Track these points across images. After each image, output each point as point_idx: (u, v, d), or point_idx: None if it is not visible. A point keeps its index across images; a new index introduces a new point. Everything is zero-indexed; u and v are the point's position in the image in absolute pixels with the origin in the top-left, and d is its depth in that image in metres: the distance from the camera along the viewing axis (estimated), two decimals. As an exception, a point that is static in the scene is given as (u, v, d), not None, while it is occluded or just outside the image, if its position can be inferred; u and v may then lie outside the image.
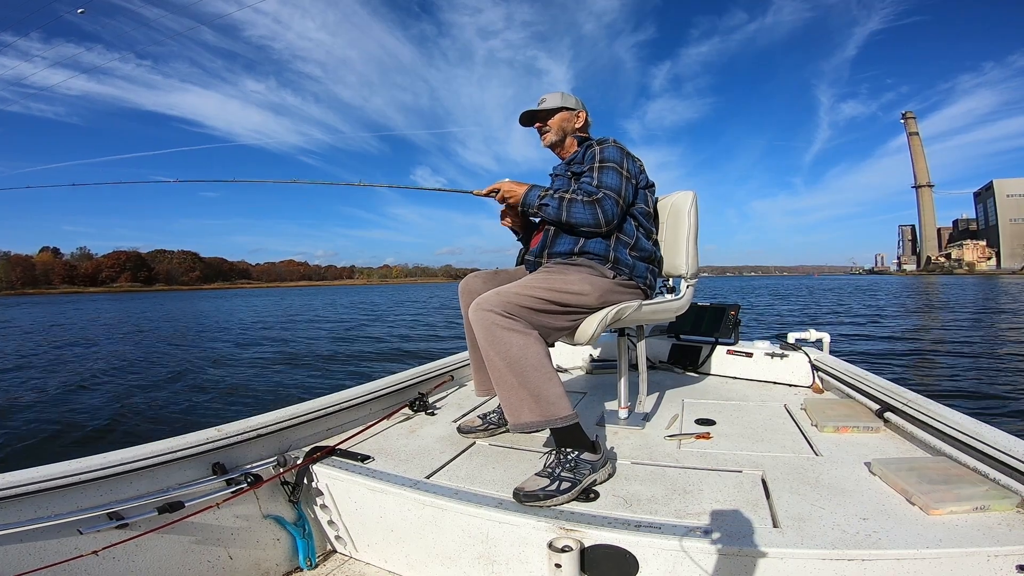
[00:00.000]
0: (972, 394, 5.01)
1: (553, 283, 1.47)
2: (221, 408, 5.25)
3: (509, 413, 1.36)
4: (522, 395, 1.33)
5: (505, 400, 1.37)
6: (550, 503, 1.18)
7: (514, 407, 1.35)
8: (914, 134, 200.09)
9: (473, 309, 1.38)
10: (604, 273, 1.60)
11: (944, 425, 1.37)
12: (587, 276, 1.55)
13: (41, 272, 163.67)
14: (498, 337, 1.33)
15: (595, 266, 1.61)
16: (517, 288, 1.43)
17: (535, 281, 1.48)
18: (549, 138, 1.83)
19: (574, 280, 1.51)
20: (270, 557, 1.41)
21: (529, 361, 1.33)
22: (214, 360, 8.68)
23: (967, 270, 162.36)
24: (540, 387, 1.33)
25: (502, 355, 1.33)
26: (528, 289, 1.43)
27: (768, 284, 66.47)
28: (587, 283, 1.52)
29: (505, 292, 1.40)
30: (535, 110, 1.82)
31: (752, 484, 1.27)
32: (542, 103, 1.81)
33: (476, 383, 1.82)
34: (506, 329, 1.34)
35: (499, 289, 1.42)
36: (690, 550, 1.00)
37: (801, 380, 2.28)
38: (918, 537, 0.98)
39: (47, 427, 4.59)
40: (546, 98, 1.81)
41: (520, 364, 1.32)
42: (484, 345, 1.36)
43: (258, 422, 1.49)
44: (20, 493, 1.04)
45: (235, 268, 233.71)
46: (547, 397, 1.33)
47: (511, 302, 1.37)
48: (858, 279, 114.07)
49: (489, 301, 1.36)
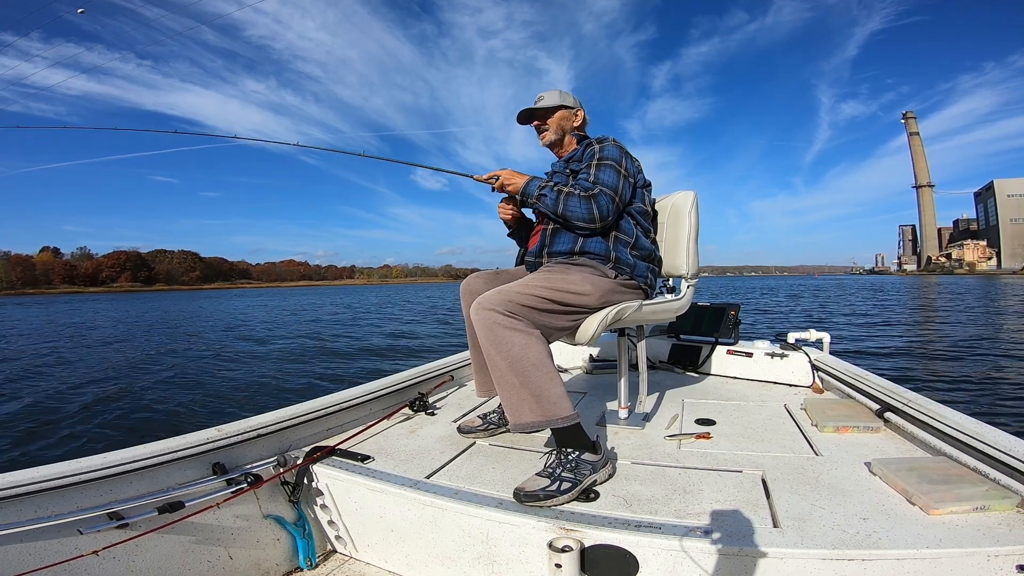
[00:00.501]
0: (972, 394, 5.01)
1: (555, 283, 1.47)
2: (221, 408, 5.25)
3: (510, 413, 1.36)
4: (523, 395, 1.33)
5: (506, 400, 1.36)
6: (550, 503, 1.18)
7: (515, 407, 1.34)
8: (914, 134, 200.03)
9: (475, 308, 1.37)
10: (606, 273, 1.59)
11: (944, 425, 1.37)
12: (588, 276, 1.54)
13: (41, 272, 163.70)
14: (500, 336, 1.33)
15: (596, 266, 1.60)
16: (519, 287, 1.42)
17: (537, 280, 1.48)
18: (548, 137, 1.82)
19: (576, 280, 1.50)
20: (270, 557, 1.41)
21: (531, 360, 1.32)
22: (214, 360, 8.69)
23: (968, 270, 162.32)
24: (542, 387, 1.32)
25: (504, 354, 1.32)
26: (530, 288, 1.42)
27: (768, 284, 66.44)
28: (588, 283, 1.51)
29: (507, 291, 1.39)
30: (533, 108, 1.81)
31: (752, 484, 1.27)
32: (539, 101, 1.80)
33: (477, 384, 1.82)
34: (508, 328, 1.33)
35: (500, 288, 1.42)
36: (690, 550, 1.00)
37: (801, 380, 2.28)
38: (918, 537, 0.98)
39: (45, 427, 4.59)
40: (544, 96, 1.80)
41: (522, 363, 1.32)
42: (485, 344, 1.35)
43: (258, 422, 1.49)
44: (20, 493, 1.04)
45: (235, 268, 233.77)
46: (548, 397, 1.32)
47: (513, 301, 1.36)
48: (858, 279, 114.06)
49: (491, 300, 1.36)
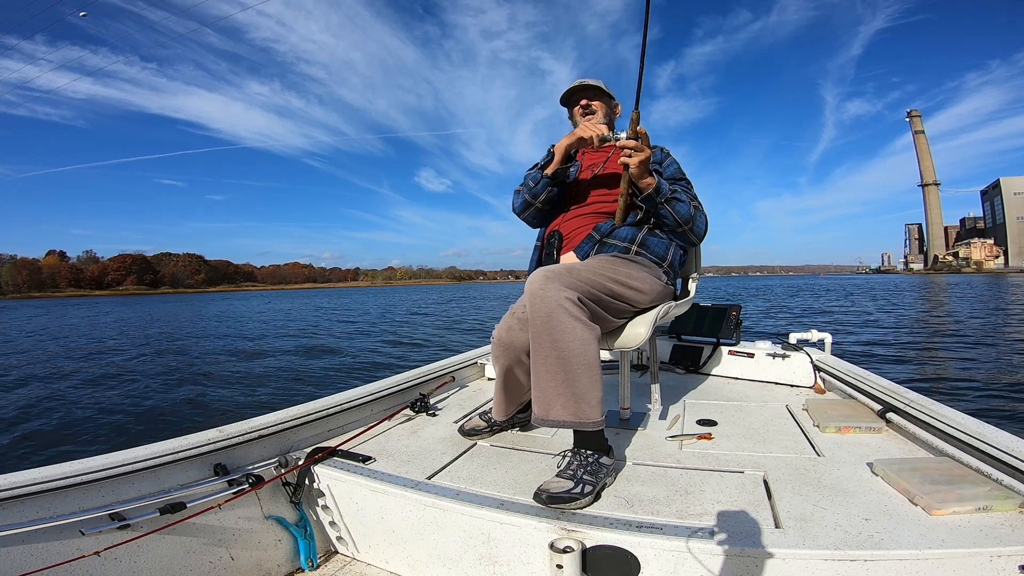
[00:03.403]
0: (975, 394, 4.97)
1: (619, 275, 1.37)
2: (223, 409, 5.28)
3: (539, 403, 1.27)
4: (563, 391, 1.24)
5: (540, 390, 1.27)
6: (573, 506, 1.14)
7: (548, 399, 1.26)
8: (920, 132, 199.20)
9: (541, 284, 1.23)
10: (659, 276, 1.54)
11: (947, 425, 1.36)
12: (648, 275, 1.46)
13: (47, 275, 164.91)
14: (562, 323, 1.21)
15: (653, 267, 1.54)
16: (588, 272, 1.30)
17: (603, 268, 1.36)
18: (595, 119, 1.71)
19: (638, 277, 1.42)
20: (271, 558, 1.41)
21: (586, 360, 1.23)
22: (214, 360, 8.72)
23: (975, 269, 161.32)
24: (586, 389, 1.23)
25: (558, 344, 1.21)
26: (598, 276, 1.31)
27: (773, 284, 66.17)
28: (647, 283, 1.44)
29: (578, 273, 1.28)
30: (588, 84, 1.72)
31: (754, 485, 1.27)
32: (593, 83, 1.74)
33: (497, 410, 1.65)
34: (573, 318, 1.21)
35: (568, 267, 1.31)
36: (692, 551, 0.99)
37: (803, 380, 2.27)
38: (920, 537, 0.97)
39: (48, 429, 4.62)
40: (590, 80, 1.74)
41: (576, 360, 1.22)
42: (540, 326, 1.23)
43: (260, 423, 1.50)
44: (22, 494, 1.04)
45: (240, 271, 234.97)
46: (588, 400, 1.24)
47: (584, 288, 1.25)
48: (866, 278, 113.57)
49: (562, 280, 1.24)
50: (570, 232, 1.65)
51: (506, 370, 1.56)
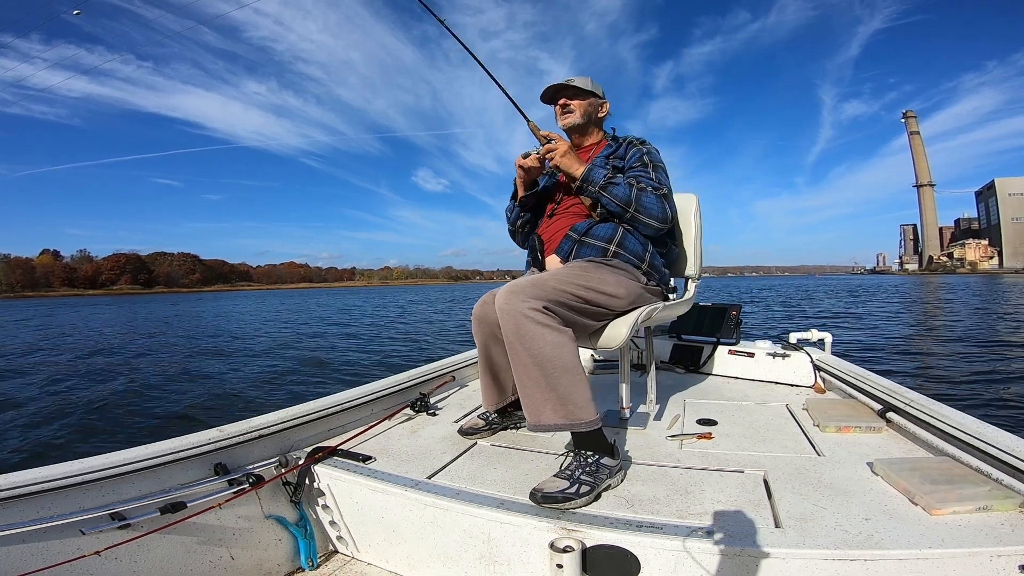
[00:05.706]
0: (975, 394, 5.00)
1: (591, 281, 1.39)
2: (223, 408, 5.26)
3: (530, 412, 1.29)
4: (548, 395, 1.26)
5: (527, 398, 1.29)
6: (568, 506, 1.15)
7: (537, 406, 1.28)
8: (915, 133, 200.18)
9: (505, 297, 1.28)
10: (638, 278, 1.55)
11: (947, 425, 1.37)
12: (623, 279, 1.48)
13: (41, 275, 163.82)
14: (530, 332, 1.24)
15: (630, 269, 1.55)
16: (554, 282, 1.33)
17: (572, 276, 1.39)
18: (571, 119, 1.72)
19: (611, 282, 1.43)
20: (272, 557, 1.41)
21: (562, 362, 1.25)
22: (215, 361, 8.69)
23: (969, 269, 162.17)
24: (570, 390, 1.25)
25: (532, 352, 1.24)
26: (565, 284, 1.34)
27: (769, 285, 66.35)
28: (622, 287, 1.45)
29: (542, 284, 1.31)
30: (564, 84, 1.71)
31: (754, 484, 1.27)
32: (571, 82, 1.72)
33: (485, 399, 1.73)
34: (540, 324, 1.25)
35: (534, 279, 1.33)
36: (692, 550, 1.00)
37: (803, 380, 2.28)
38: (920, 537, 0.98)
39: (46, 429, 4.59)
40: (575, 80, 1.73)
41: (552, 364, 1.24)
42: (511, 338, 1.27)
43: (260, 422, 1.49)
44: (23, 493, 1.04)
45: (235, 270, 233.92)
46: (576, 401, 1.26)
47: (549, 296, 1.28)
48: (860, 279, 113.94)
49: (525, 291, 1.27)
50: (551, 236, 1.69)
51: (486, 347, 1.63)
